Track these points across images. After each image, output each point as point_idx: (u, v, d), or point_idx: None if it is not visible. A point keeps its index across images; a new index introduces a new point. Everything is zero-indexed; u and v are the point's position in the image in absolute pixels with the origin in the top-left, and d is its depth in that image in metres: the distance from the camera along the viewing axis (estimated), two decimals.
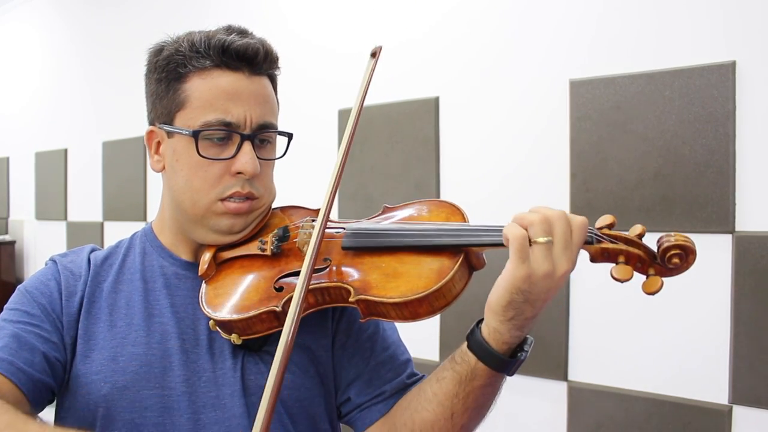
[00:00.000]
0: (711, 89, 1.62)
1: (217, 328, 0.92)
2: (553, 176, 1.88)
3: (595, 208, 1.79)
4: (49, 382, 0.89)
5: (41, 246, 4.11)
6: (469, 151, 2.10)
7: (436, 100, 2.15)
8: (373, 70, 0.97)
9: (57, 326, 0.92)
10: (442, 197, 2.15)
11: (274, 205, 1.04)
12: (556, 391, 1.88)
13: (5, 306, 0.94)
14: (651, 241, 0.80)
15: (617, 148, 1.76)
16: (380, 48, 0.99)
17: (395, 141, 2.23)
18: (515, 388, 1.98)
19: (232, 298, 0.92)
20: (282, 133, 0.99)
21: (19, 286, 0.96)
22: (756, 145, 1.58)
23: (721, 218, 1.61)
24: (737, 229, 1.60)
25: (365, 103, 0.98)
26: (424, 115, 2.18)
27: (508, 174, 2.00)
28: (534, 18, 1.95)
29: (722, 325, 1.61)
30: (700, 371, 1.65)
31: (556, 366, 1.87)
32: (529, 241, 0.76)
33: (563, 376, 1.87)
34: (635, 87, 1.73)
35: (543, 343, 1.87)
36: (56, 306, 0.93)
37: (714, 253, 1.62)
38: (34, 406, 0.86)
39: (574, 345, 1.86)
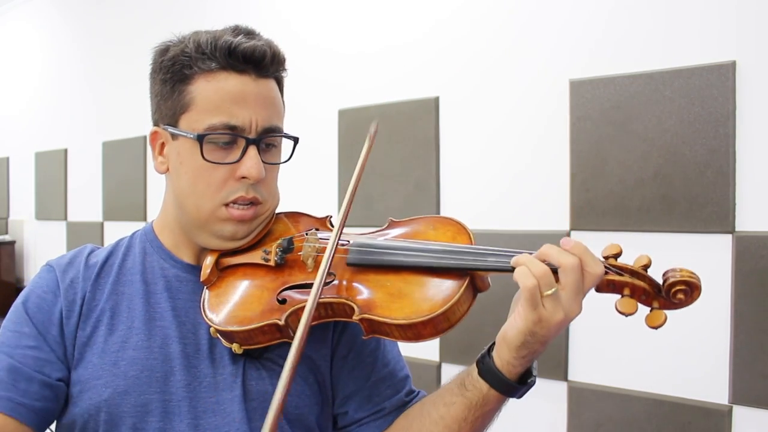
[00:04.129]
0: (711, 89, 1.62)
1: (218, 335, 0.91)
2: (553, 176, 1.88)
3: (595, 208, 1.79)
4: (50, 406, 0.89)
5: (41, 246, 4.10)
6: (469, 151, 2.10)
7: (436, 100, 2.15)
8: (368, 151, 0.96)
9: (58, 342, 0.91)
10: (442, 197, 2.15)
11: (277, 210, 1.03)
12: (556, 391, 1.88)
13: (3, 324, 0.93)
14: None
15: (617, 148, 1.76)
16: (376, 131, 0.97)
17: (395, 141, 2.23)
18: None
19: (233, 308, 0.91)
20: (288, 137, 0.98)
21: (16, 301, 0.95)
22: (756, 145, 1.58)
23: (721, 218, 1.61)
24: (737, 229, 1.60)
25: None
26: (424, 115, 2.18)
27: (508, 174, 2.00)
28: (534, 18, 1.95)
29: (722, 325, 1.61)
30: (700, 371, 1.65)
31: (556, 366, 1.87)
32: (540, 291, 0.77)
33: (563, 376, 1.87)
34: (635, 87, 1.73)
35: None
36: (55, 323, 0.92)
37: (714, 253, 1.62)
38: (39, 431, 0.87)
39: (574, 345, 1.86)
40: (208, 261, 0.95)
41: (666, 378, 1.70)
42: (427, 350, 2.13)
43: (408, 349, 1.08)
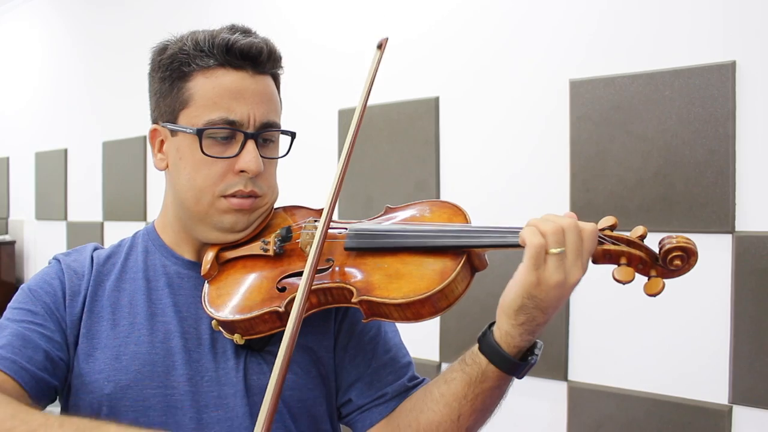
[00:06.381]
0: (711, 89, 1.62)
1: (220, 327, 0.92)
2: (553, 176, 1.88)
3: (595, 208, 1.79)
4: (51, 381, 0.89)
5: (41, 246, 4.10)
6: (469, 151, 2.10)
7: (436, 100, 2.16)
8: (378, 62, 0.96)
9: (61, 325, 0.93)
10: (443, 197, 2.15)
11: (276, 205, 1.04)
12: (556, 391, 1.88)
13: (9, 305, 0.94)
14: (653, 242, 0.80)
15: (617, 148, 1.76)
16: (386, 40, 0.99)
17: (395, 141, 2.23)
18: (515, 388, 1.98)
19: (234, 299, 0.92)
20: (285, 132, 0.99)
21: (22, 286, 0.97)
22: (756, 145, 1.58)
23: (721, 218, 1.61)
24: (737, 229, 1.60)
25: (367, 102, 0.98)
26: (424, 115, 2.18)
27: (508, 174, 2.00)
28: (534, 18, 1.95)
29: (722, 325, 1.61)
30: (700, 371, 1.65)
31: (556, 366, 1.87)
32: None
33: (563, 376, 1.87)
34: (635, 87, 1.73)
35: (543, 343, 1.87)
36: (60, 305, 0.94)
37: (714, 253, 1.62)
38: (36, 404, 0.87)
39: (574, 345, 1.86)
40: (209, 256, 0.97)
41: (666, 378, 1.70)
42: (427, 350, 2.13)
43: (408, 348, 1.08)
